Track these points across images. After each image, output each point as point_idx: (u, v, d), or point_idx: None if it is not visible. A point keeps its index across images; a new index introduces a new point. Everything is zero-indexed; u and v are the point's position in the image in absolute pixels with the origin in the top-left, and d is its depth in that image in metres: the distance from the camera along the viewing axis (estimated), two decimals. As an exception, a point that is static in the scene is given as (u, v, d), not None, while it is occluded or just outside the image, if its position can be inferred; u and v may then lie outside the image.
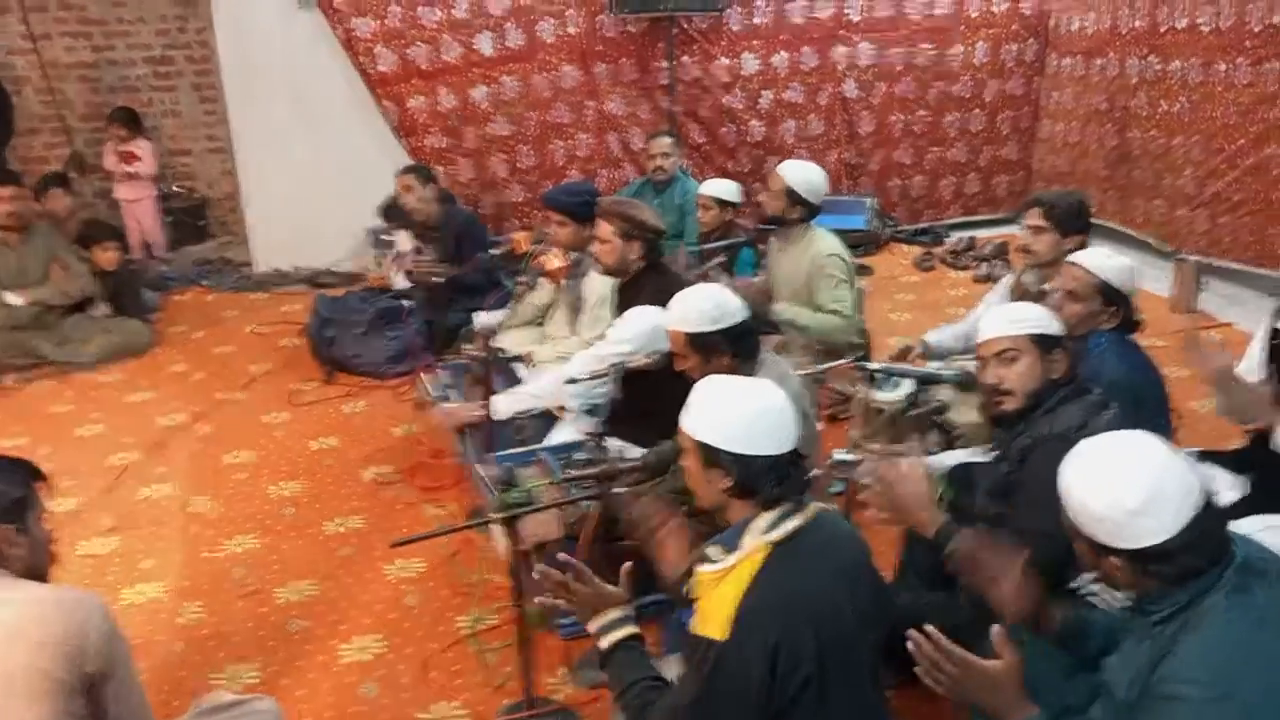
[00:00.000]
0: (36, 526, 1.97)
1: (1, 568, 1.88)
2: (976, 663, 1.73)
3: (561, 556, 2.01)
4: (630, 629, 1.99)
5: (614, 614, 2.00)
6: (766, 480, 1.82)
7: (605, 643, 1.98)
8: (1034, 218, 3.45)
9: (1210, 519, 1.57)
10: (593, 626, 2.00)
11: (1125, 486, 1.55)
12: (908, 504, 2.18)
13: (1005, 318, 2.41)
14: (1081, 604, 2.07)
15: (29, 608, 1.81)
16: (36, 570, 1.96)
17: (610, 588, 2.01)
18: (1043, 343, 2.34)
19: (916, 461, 2.26)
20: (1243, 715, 1.48)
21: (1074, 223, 3.37)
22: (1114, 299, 2.79)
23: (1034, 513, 2.03)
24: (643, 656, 1.98)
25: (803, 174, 4.02)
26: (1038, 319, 2.37)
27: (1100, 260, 2.84)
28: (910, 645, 1.75)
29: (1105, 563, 1.63)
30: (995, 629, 1.77)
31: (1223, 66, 5.63)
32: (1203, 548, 1.56)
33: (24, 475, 1.98)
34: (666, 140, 5.62)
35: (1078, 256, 2.92)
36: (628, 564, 2.05)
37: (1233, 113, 5.61)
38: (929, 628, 1.76)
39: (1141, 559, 1.57)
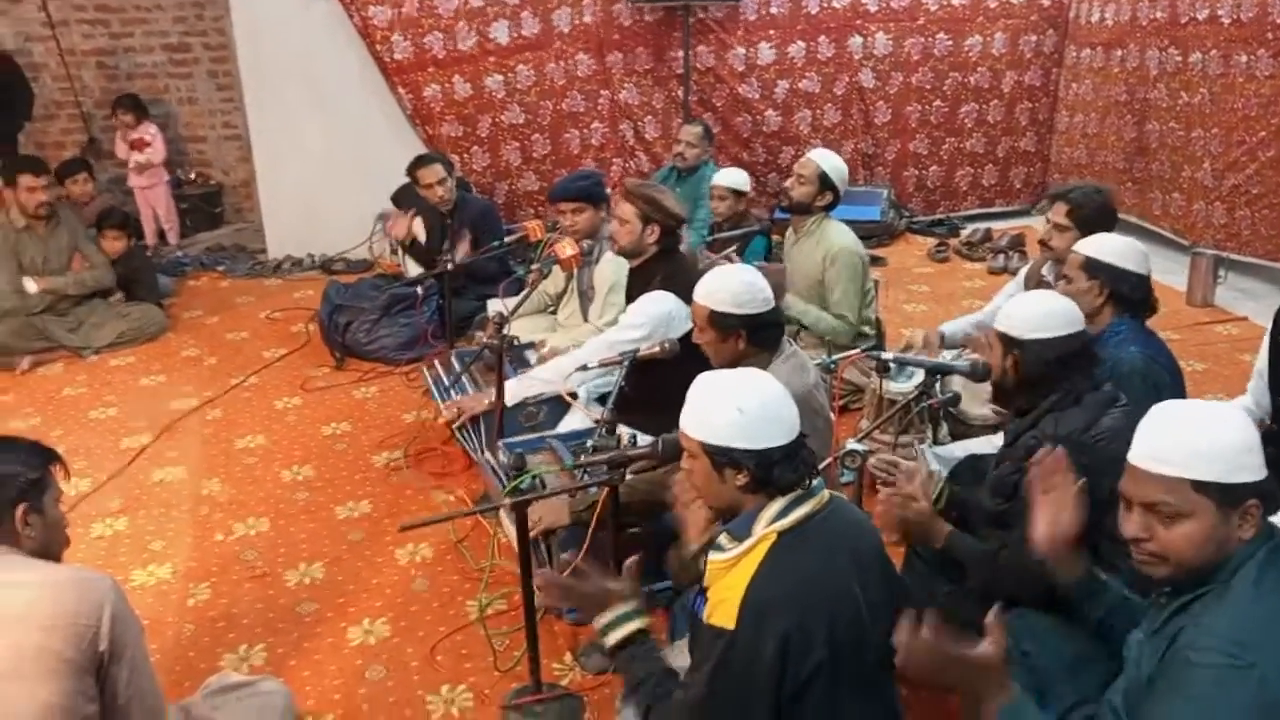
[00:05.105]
0: (51, 508, 1.99)
1: (14, 548, 1.89)
2: (963, 645, 1.71)
3: (565, 557, 1.98)
4: (637, 624, 1.94)
5: (619, 609, 1.95)
6: (782, 469, 1.80)
7: (612, 639, 1.94)
8: (1059, 214, 3.33)
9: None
10: (599, 624, 1.95)
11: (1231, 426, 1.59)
12: (914, 519, 2.26)
13: (1005, 312, 2.42)
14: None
15: (41, 589, 1.83)
16: (49, 552, 1.98)
17: (614, 584, 1.97)
18: (1007, 342, 2.33)
19: (918, 465, 2.29)
20: (1260, 687, 1.46)
21: (1100, 226, 3.20)
22: (1096, 273, 2.77)
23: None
24: (652, 650, 1.94)
25: (834, 161, 4.09)
26: (1026, 319, 2.33)
27: (1092, 241, 2.85)
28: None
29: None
30: (991, 611, 1.76)
31: (1244, 58, 5.57)
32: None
33: (40, 457, 1.99)
34: (696, 129, 5.69)
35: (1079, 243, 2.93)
36: (632, 558, 2.01)
37: (1254, 105, 5.55)
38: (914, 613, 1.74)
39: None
